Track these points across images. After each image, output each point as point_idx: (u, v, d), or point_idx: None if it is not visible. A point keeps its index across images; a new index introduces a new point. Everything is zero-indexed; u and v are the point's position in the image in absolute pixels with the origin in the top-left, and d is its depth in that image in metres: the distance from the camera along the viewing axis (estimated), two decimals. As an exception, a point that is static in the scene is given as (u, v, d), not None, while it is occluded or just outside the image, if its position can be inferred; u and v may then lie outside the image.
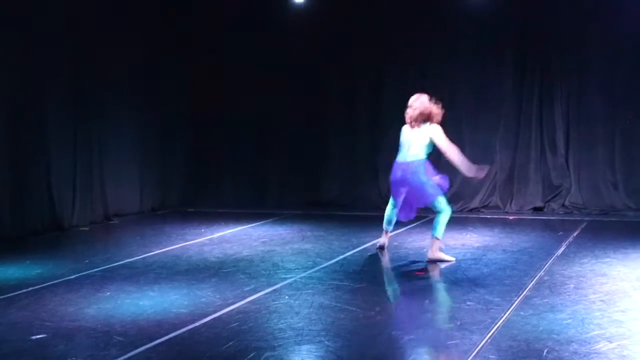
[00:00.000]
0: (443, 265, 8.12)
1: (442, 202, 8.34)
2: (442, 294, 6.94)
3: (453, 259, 8.33)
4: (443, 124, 8.45)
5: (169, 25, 12.64)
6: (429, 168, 8.41)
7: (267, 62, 12.88)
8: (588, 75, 11.82)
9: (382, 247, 8.86)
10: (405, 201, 8.49)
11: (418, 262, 8.35)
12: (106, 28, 11.35)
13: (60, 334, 5.89)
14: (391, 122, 12.50)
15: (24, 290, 7.24)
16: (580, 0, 11.71)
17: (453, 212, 11.82)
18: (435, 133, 8.32)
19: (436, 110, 8.39)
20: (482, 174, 8.62)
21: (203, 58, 13.05)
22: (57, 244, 9.98)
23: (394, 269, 8.09)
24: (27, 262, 8.61)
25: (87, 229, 10.90)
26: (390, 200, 8.61)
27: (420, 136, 8.34)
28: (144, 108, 12.25)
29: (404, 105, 12.34)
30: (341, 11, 12.53)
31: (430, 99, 8.42)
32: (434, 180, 8.34)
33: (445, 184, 8.48)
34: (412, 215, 8.69)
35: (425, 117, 8.37)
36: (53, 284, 7.52)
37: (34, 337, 5.82)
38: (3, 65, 9.90)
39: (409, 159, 8.33)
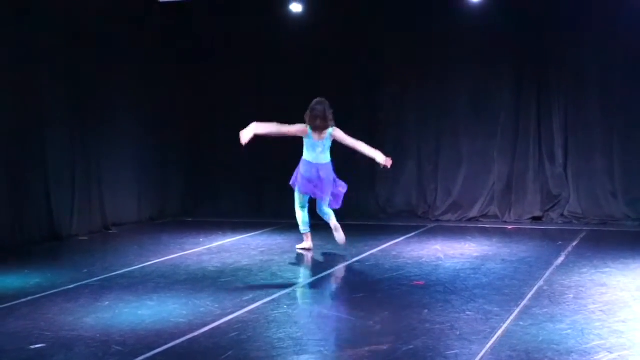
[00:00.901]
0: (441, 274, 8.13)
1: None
2: (441, 304, 6.93)
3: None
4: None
5: (167, 36, 12.68)
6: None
7: (266, 72, 12.90)
8: (586, 84, 11.81)
9: (308, 249, 9.59)
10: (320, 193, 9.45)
11: (416, 271, 8.36)
12: (105, 36, 11.37)
13: (59, 344, 5.89)
14: (389, 132, 12.58)
15: (23, 300, 7.24)
16: (578, 10, 11.72)
17: (451, 221, 12.01)
18: (341, 134, 9.41)
19: None
20: (390, 163, 9.39)
21: (201, 68, 13.07)
22: (56, 254, 9.97)
23: (392, 278, 8.08)
24: (26, 271, 8.60)
25: (85, 238, 10.89)
26: (299, 202, 9.57)
27: (329, 139, 9.41)
28: (142, 118, 12.26)
29: (402, 117, 12.51)
30: (339, 21, 12.54)
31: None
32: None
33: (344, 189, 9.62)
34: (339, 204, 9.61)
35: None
36: (52, 293, 7.51)
37: (32, 347, 5.82)
38: (3, 75, 9.91)
39: (325, 161, 9.43)
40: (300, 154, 12.75)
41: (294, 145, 12.86)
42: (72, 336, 6.07)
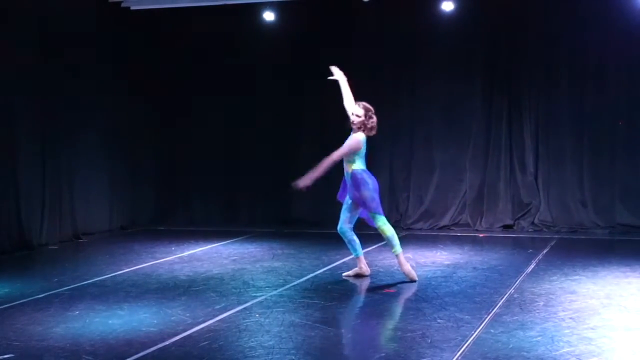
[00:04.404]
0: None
1: None
2: (412, 312, 6.95)
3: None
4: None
5: (136, 46, 12.63)
6: None
7: (237, 81, 12.89)
8: (556, 93, 11.93)
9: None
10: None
11: (388, 279, 8.37)
12: (73, 48, 11.33)
13: (28, 354, 5.83)
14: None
15: (-9, 310, 7.18)
16: (548, 21, 11.84)
17: (423, 229, 12.06)
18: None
19: None
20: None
21: (172, 77, 13.05)
22: (26, 263, 9.89)
23: (364, 286, 8.09)
24: (-5, 280, 8.53)
25: (56, 247, 10.81)
26: (383, 215, 8.23)
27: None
28: (113, 126, 12.21)
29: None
30: (309, 31, 12.58)
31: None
32: None
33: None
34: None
35: None
36: (21, 303, 7.45)
37: (1, 357, 5.75)
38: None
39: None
40: (269, 163, 12.82)
41: (265, 156, 12.92)
42: (42, 346, 6.01)
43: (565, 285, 7.93)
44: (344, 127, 12.62)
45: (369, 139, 8.48)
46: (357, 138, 8.38)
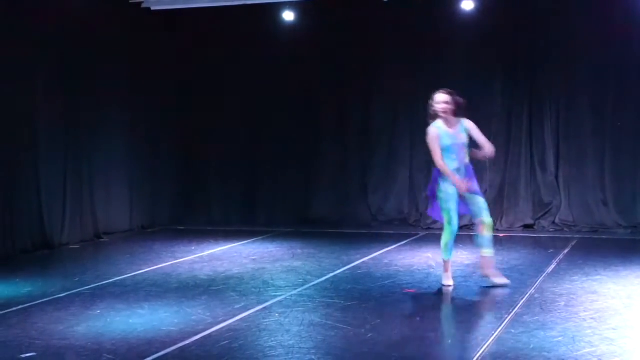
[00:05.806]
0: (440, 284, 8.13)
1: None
2: (432, 312, 6.94)
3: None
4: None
5: (158, 44, 12.68)
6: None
7: (257, 81, 12.91)
8: (577, 92, 11.86)
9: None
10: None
11: (408, 279, 8.36)
12: (97, 46, 11.38)
13: (50, 353, 5.87)
14: (380, 140, 12.61)
15: (14, 309, 7.22)
16: (569, 17, 11.77)
17: (443, 229, 11.98)
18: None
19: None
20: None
21: (191, 77, 13.08)
22: (47, 262, 9.96)
23: (384, 286, 8.08)
24: (17, 280, 8.58)
25: (77, 247, 10.87)
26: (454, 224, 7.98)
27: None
28: (134, 126, 12.26)
29: (394, 126, 12.53)
30: (329, 30, 12.57)
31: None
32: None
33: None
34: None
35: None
36: (43, 302, 7.50)
37: (23, 356, 5.80)
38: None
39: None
40: (289, 163, 12.85)
41: (284, 156, 12.93)
42: (63, 345, 6.05)
43: (586, 286, 7.88)
44: (362, 126, 12.74)
45: (393, 137, 8.40)
46: (428, 131, 8.02)
